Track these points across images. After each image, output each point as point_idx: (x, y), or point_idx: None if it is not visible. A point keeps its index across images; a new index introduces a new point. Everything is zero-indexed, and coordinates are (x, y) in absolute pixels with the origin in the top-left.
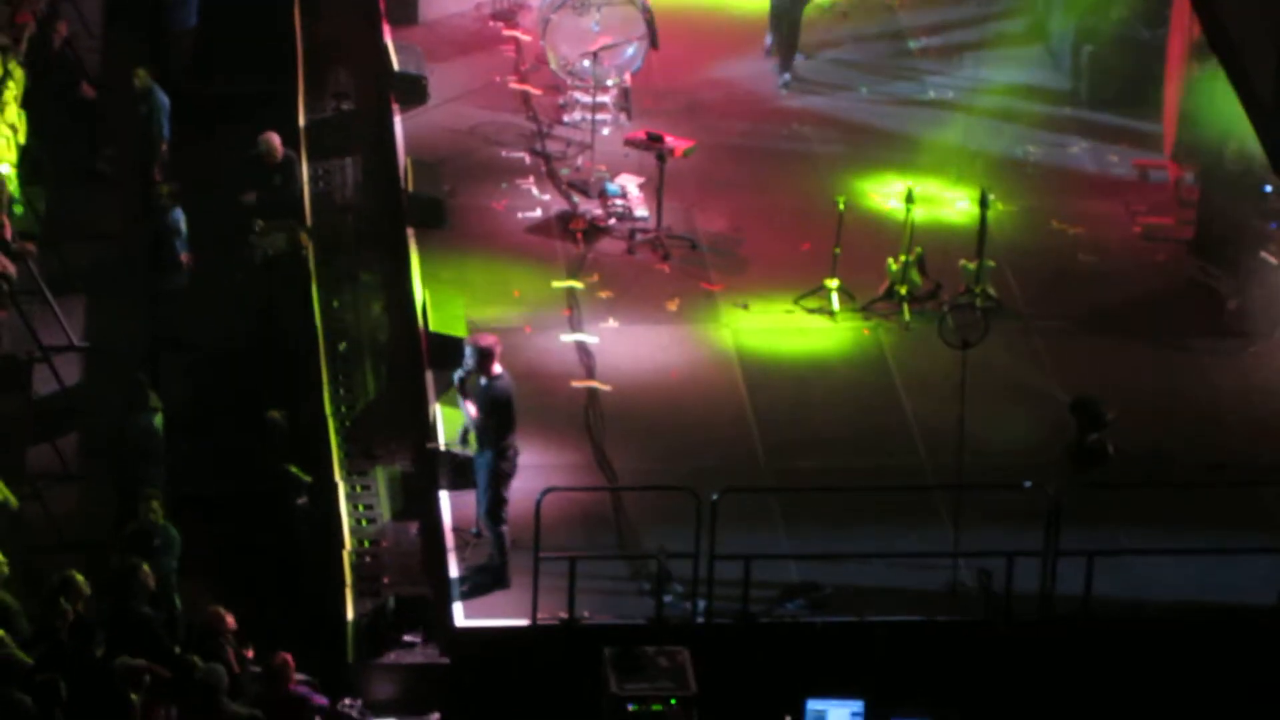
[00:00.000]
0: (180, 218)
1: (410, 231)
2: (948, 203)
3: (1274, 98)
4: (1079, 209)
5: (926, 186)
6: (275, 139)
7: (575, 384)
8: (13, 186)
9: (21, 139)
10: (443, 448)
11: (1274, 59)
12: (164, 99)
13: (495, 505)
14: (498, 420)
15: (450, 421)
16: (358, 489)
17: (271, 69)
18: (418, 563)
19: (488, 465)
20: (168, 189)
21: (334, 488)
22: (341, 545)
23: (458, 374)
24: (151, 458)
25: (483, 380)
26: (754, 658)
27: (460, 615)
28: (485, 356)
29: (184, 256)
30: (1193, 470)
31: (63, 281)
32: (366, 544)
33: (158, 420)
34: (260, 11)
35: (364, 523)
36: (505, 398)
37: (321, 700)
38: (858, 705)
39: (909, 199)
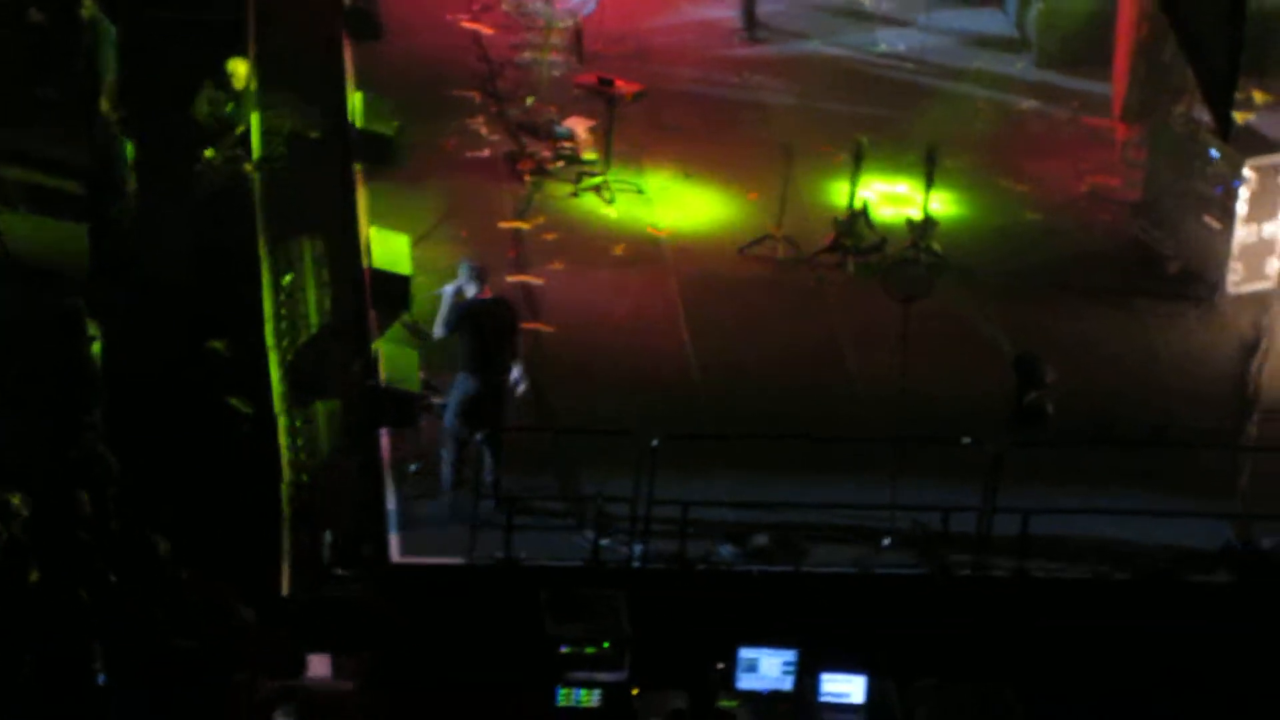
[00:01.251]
0: (125, 146)
1: (358, 168)
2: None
3: (1224, 63)
4: (1026, 167)
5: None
6: (243, 66)
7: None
8: None
9: None
10: (383, 383)
11: (1226, 24)
12: (111, 27)
13: (450, 431)
14: (460, 339)
15: (392, 358)
16: (298, 423)
17: None
18: (356, 498)
19: (458, 388)
20: (114, 116)
21: (273, 420)
22: (280, 479)
23: (449, 289)
24: (90, 385)
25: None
26: (689, 603)
27: (396, 552)
28: (481, 276)
29: (128, 185)
30: (1133, 431)
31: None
32: (305, 478)
33: (95, 348)
34: None
35: (303, 456)
36: (468, 315)
37: (260, 633)
38: (790, 654)
39: (857, 152)
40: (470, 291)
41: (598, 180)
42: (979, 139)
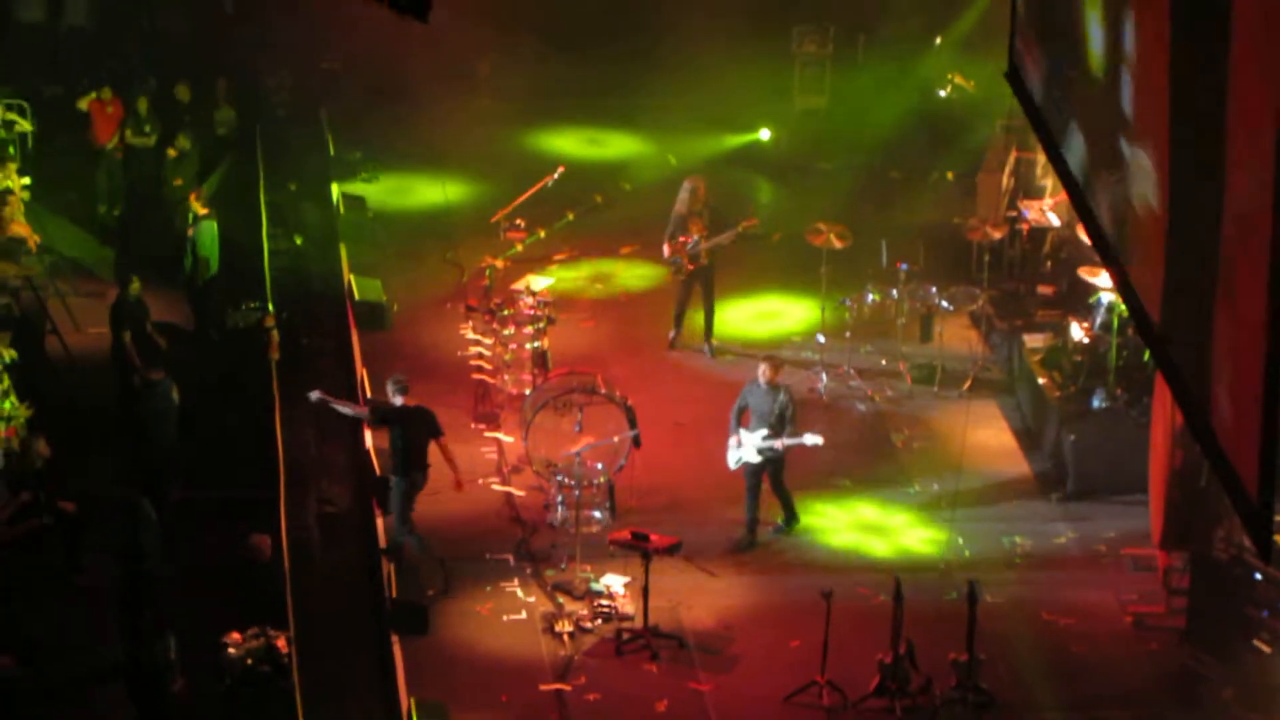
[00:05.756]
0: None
1: (395, 639)
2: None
3: (1259, 489)
4: (1069, 599)
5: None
6: (264, 541)
7: None
8: None
9: None
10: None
11: (1257, 449)
12: (151, 513)
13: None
14: (390, 442)
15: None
16: None
17: (255, 477)
18: None
19: (394, 490)
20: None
21: None
22: None
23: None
24: None
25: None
26: None
27: None
28: (405, 388)
29: (177, 683)
30: None
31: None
32: None
33: None
34: (243, 425)
35: None
36: (395, 419)
37: None
38: None
39: (898, 593)
40: (397, 401)
41: (638, 637)
42: (1019, 573)
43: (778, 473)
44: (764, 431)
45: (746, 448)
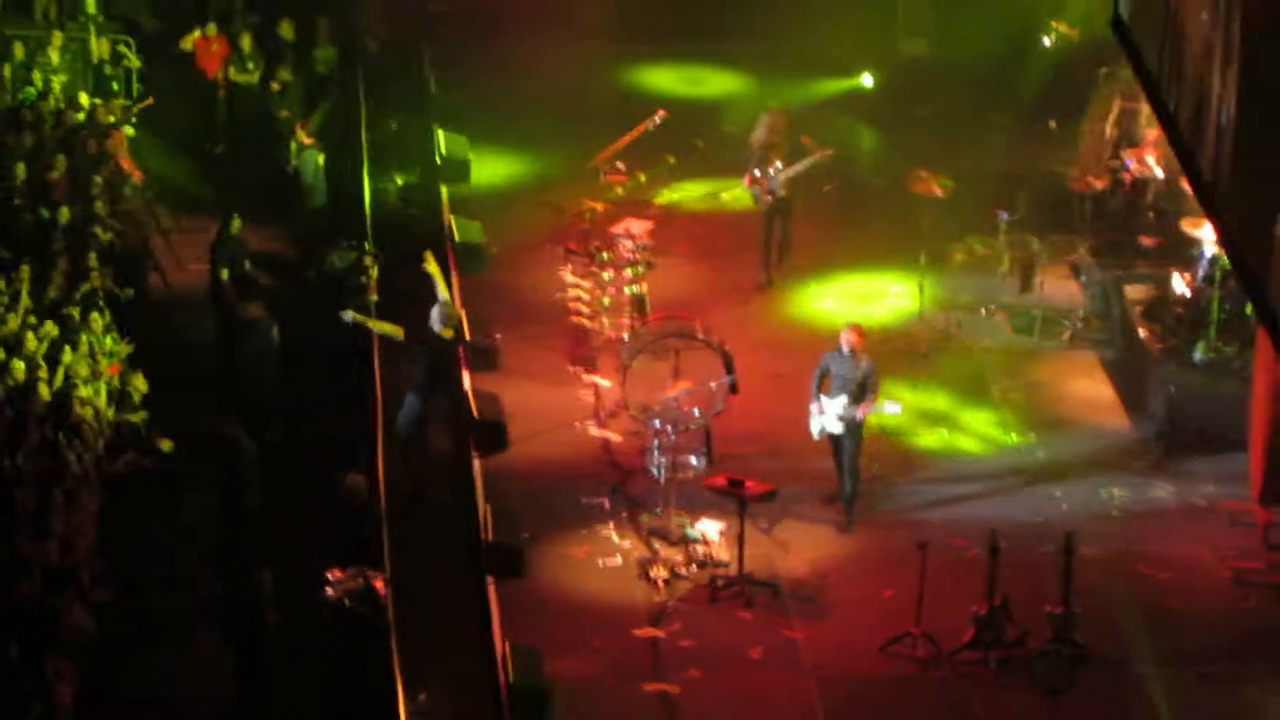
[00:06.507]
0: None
1: (490, 581)
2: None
3: None
4: (1166, 553)
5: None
6: (361, 480)
7: None
8: None
9: None
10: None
11: None
12: (251, 450)
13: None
14: (419, 363)
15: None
16: None
17: (352, 418)
18: None
19: (407, 408)
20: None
21: None
22: None
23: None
24: None
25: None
26: None
27: None
28: (447, 320)
29: (273, 617)
30: None
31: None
32: None
33: None
34: (341, 365)
35: None
36: (431, 343)
37: None
38: None
39: (993, 546)
40: (437, 328)
41: (733, 583)
42: (1116, 528)
43: (855, 448)
44: (844, 399)
45: (828, 416)
